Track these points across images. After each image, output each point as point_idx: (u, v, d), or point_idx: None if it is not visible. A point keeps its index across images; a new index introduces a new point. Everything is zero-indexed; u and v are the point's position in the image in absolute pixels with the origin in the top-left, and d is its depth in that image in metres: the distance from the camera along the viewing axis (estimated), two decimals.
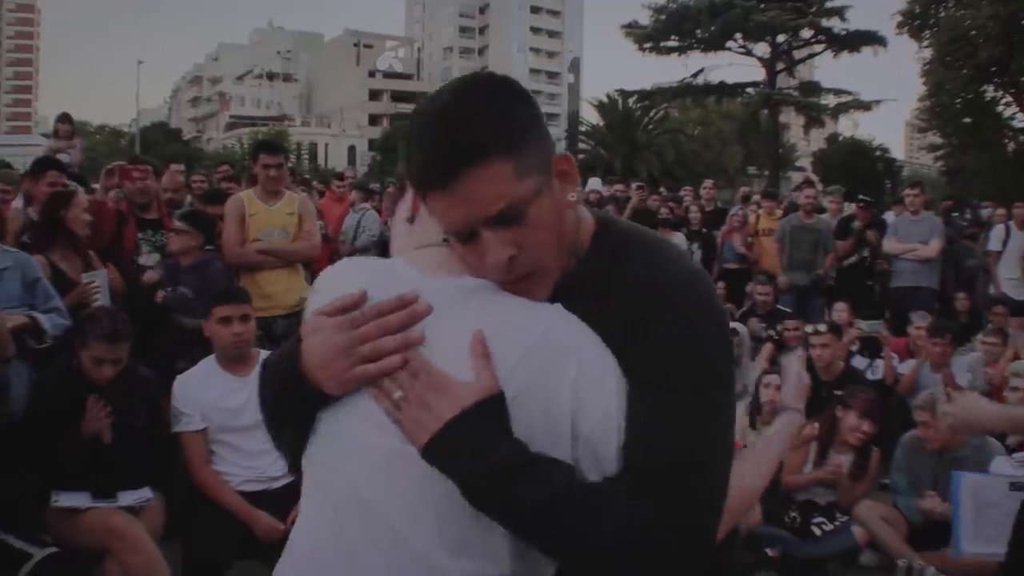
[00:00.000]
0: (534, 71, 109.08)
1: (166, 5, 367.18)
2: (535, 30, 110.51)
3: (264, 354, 5.01)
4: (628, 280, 1.60)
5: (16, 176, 7.89)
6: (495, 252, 1.53)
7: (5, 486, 4.37)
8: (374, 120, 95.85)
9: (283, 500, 4.61)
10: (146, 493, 4.62)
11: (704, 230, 12.35)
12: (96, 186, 8.67)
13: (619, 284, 1.60)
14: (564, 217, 1.60)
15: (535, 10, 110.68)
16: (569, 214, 1.64)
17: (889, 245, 10.96)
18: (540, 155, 1.54)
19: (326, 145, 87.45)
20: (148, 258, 6.62)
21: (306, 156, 71.74)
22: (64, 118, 11.89)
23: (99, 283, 5.61)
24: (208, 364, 4.94)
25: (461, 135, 1.48)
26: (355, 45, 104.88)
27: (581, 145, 55.27)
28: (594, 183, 14.96)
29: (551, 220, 1.56)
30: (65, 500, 4.41)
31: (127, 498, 4.53)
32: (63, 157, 11.05)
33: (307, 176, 17.45)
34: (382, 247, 11.41)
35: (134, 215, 6.87)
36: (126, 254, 6.54)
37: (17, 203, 7.48)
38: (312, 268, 7.98)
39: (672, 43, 44.14)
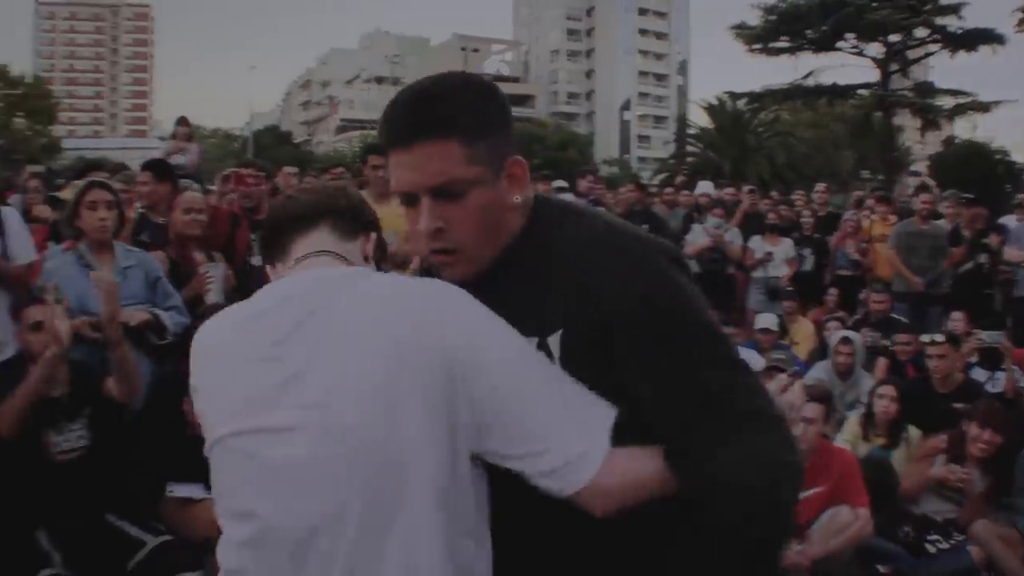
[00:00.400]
0: (642, 73, 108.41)
1: (277, 12, 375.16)
2: (642, 32, 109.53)
3: None
4: (563, 243, 1.72)
5: (135, 177, 8.09)
6: (425, 220, 1.71)
7: (122, 476, 4.52)
8: None
9: None
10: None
11: (816, 235, 12.08)
12: (212, 188, 8.88)
13: (556, 247, 1.73)
14: (501, 213, 1.75)
15: (642, 12, 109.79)
16: (512, 215, 1.78)
17: (1010, 253, 10.57)
18: (494, 152, 1.71)
19: None
20: (260, 259, 6.72)
21: None
22: (182, 121, 12.19)
23: (215, 275, 5.72)
24: None
25: (429, 110, 1.67)
26: (462, 49, 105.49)
27: (689, 148, 54.59)
28: (704, 186, 14.72)
29: (485, 211, 1.72)
30: (179, 491, 4.57)
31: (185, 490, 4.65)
32: (179, 159, 11.36)
33: None
34: None
35: (247, 217, 6.98)
36: (239, 255, 6.64)
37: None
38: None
39: (782, 44, 43.32)
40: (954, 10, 40.56)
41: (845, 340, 7.82)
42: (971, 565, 5.53)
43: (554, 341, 1.69)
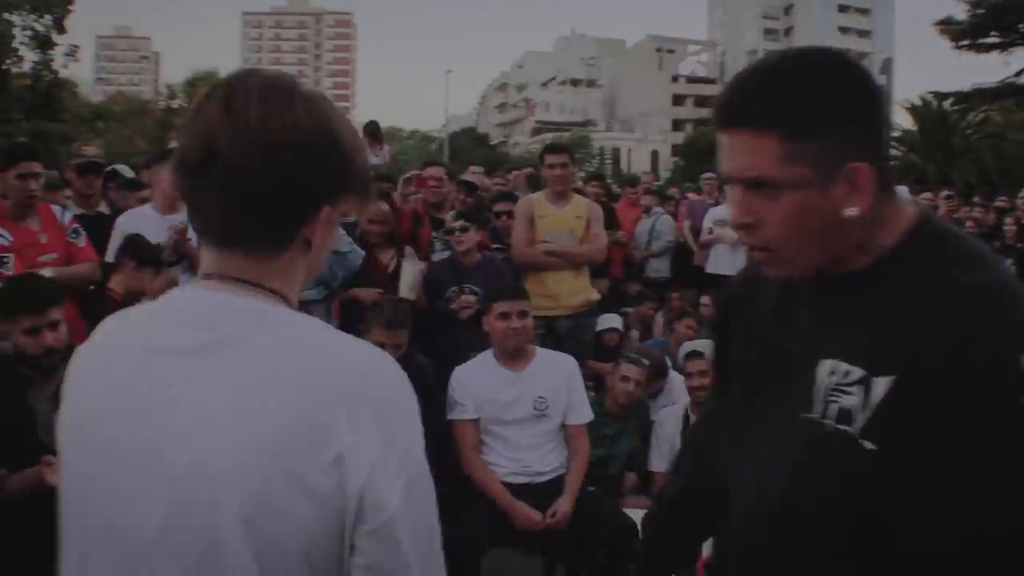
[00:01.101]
0: None
1: (473, 17, 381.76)
2: (843, 30, 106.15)
3: (541, 352, 5.14)
4: (941, 280, 1.47)
5: None
6: (734, 212, 1.57)
7: None
8: (677, 125, 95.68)
9: (546, 494, 4.79)
10: None
11: (1020, 244, 11.46)
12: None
13: (924, 278, 1.49)
14: (828, 221, 1.51)
15: (843, 9, 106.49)
16: (853, 227, 1.54)
17: None
18: (828, 153, 1.48)
19: (629, 150, 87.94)
20: (440, 256, 6.88)
21: (609, 161, 72.42)
22: (371, 126, 12.64)
23: (411, 272, 5.94)
24: (485, 357, 5.14)
25: (754, 95, 1.52)
26: (657, 50, 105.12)
27: (892, 151, 52.81)
28: (899, 192, 14.25)
29: (802, 215, 1.51)
30: None
31: None
32: (373, 159, 11.75)
33: (609, 181, 17.57)
34: (675, 253, 11.41)
35: (428, 215, 7.17)
36: (421, 251, 6.85)
37: None
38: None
39: (992, 39, 41.24)
40: None
41: None
42: None
43: (883, 382, 1.46)
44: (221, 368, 1.29)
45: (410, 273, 5.96)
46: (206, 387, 1.28)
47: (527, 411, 4.94)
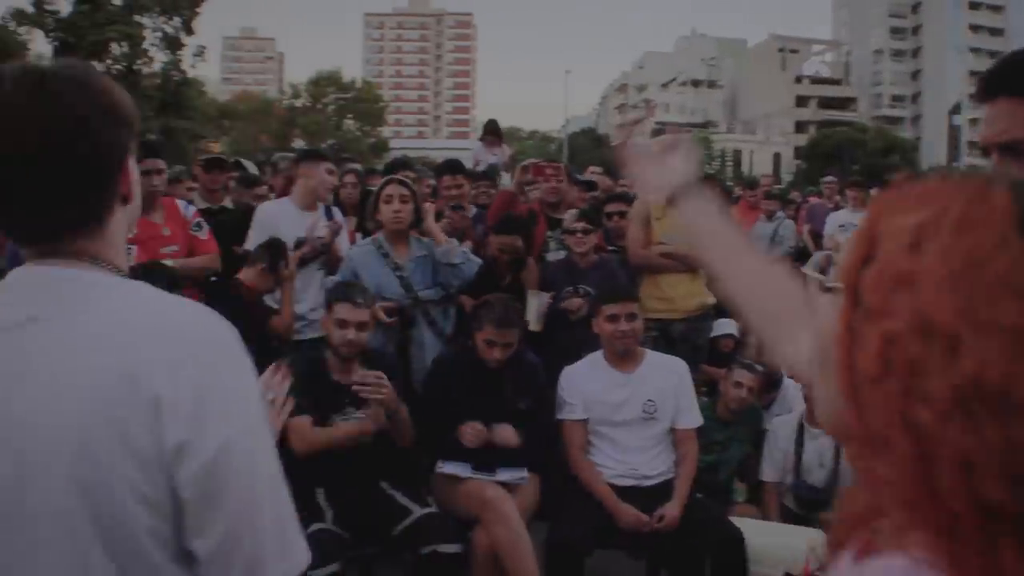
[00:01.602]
0: (973, 74, 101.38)
1: (593, 17, 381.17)
2: (974, 28, 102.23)
3: (651, 354, 5.09)
4: None
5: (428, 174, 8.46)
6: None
7: (399, 449, 4.79)
8: (800, 127, 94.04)
9: (652, 498, 4.74)
10: (522, 472, 4.85)
11: None
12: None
13: None
14: None
15: (974, 6, 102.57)
16: None
17: None
18: None
19: (751, 152, 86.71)
20: (555, 256, 6.84)
21: (730, 163, 71.54)
22: (493, 126, 12.68)
23: (536, 304, 5.96)
24: (595, 358, 5.11)
25: (1008, 70, 1.72)
26: (780, 50, 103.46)
27: None
28: None
29: None
30: (448, 468, 4.79)
31: (504, 474, 4.80)
32: (491, 159, 11.80)
33: (729, 184, 17.35)
34: (797, 258, 11.21)
35: (545, 214, 7.14)
36: (536, 250, 6.82)
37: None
38: None
39: None
40: None
41: None
42: None
43: None
44: (46, 336, 1.35)
45: (535, 305, 5.94)
46: (32, 357, 1.34)
47: (636, 413, 4.91)
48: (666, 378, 4.95)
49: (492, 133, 12.58)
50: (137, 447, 1.30)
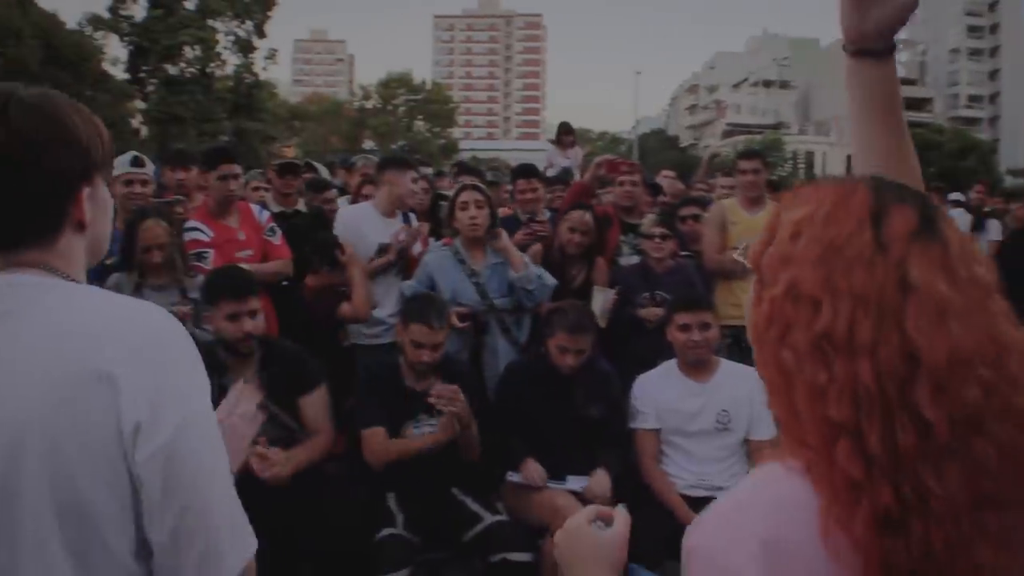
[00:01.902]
0: None
1: (663, 18, 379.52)
2: None
3: (726, 363, 5.02)
4: None
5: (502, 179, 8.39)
6: None
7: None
8: None
9: None
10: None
11: None
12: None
13: None
14: None
15: None
16: None
17: None
18: None
19: (823, 154, 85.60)
20: (628, 260, 6.78)
21: (802, 165, 70.74)
22: (565, 129, 12.65)
23: (604, 298, 5.90)
24: (669, 367, 5.06)
25: None
26: None
27: None
28: None
29: None
30: (519, 476, 4.77)
31: (576, 483, 4.76)
32: (564, 162, 11.79)
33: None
34: None
35: (619, 217, 7.08)
36: (608, 255, 6.76)
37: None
38: None
39: None
40: None
41: None
42: None
43: None
44: (5, 331, 1.42)
45: (600, 300, 5.90)
46: None
47: (710, 424, 4.85)
48: (740, 388, 4.86)
49: (566, 134, 12.57)
50: (97, 429, 1.37)
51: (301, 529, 4.13)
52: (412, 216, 6.40)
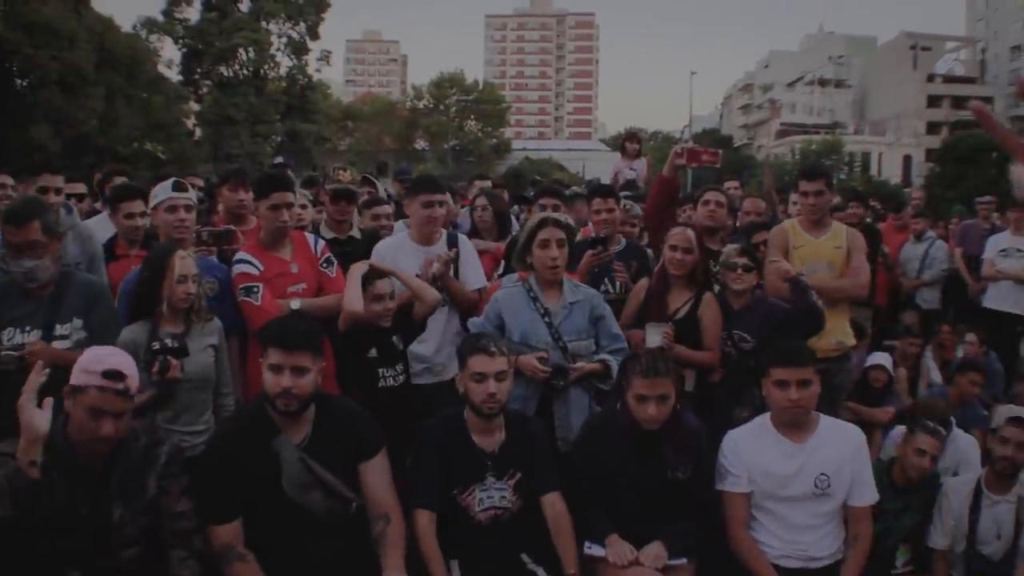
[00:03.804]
0: None
1: (717, 16, 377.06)
2: None
3: (824, 420, 4.57)
4: None
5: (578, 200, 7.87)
6: None
7: (543, 521, 4.37)
8: (932, 128, 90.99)
9: None
10: (680, 558, 4.35)
11: None
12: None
13: None
14: None
15: None
16: None
17: None
18: None
19: (879, 155, 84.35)
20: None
21: (858, 167, 69.63)
22: (631, 137, 12.18)
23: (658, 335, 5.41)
24: (763, 423, 4.62)
25: None
26: (911, 48, 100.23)
27: None
28: None
29: None
30: (597, 550, 4.34)
31: None
32: (629, 174, 11.35)
33: (858, 188, 16.64)
34: (950, 281, 10.56)
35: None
36: None
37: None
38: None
39: None
40: None
41: None
42: None
43: None
44: None
45: (654, 337, 5.36)
46: None
47: (807, 488, 4.42)
48: (841, 449, 4.43)
49: (630, 142, 12.13)
50: None
51: None
52: (462, 238, 6.03)
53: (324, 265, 5.54)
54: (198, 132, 50.85)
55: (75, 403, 3.50)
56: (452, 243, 5.87)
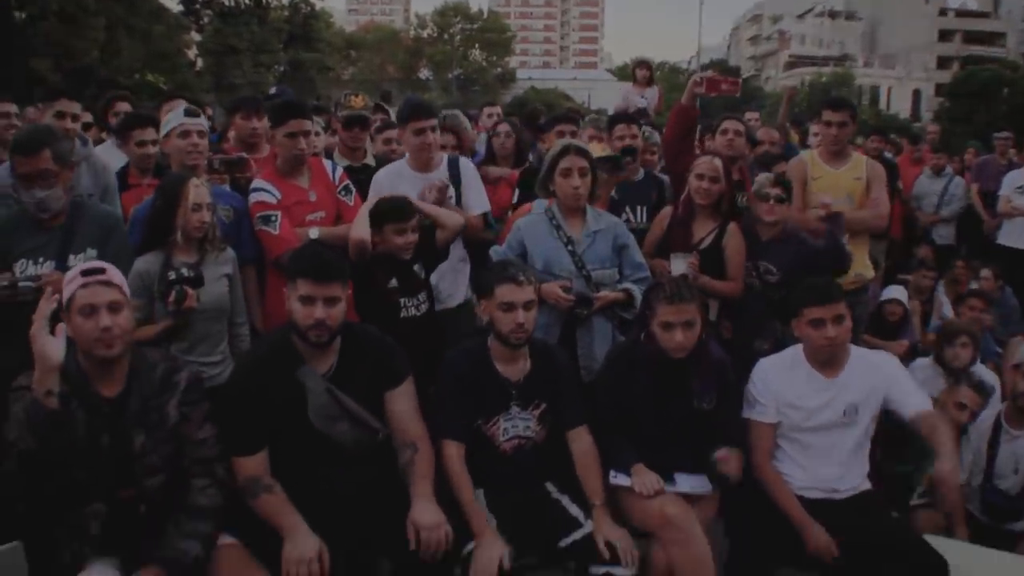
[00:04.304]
0: None
1: None
2: None
3: (856, 353, 4.54)
4: None
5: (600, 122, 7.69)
6: None
7: (565, 456, 4.34)
8: (943, 63, 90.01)
9: (845, 512, 4.25)
10: (704, 482, 4.32)
11: None
12: None
13: None
14: None
15: None
16: None
17: None
18: None
19: (889, 89, 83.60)
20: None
21: (866, 100, 69.06)
22: (642, 65, 11.97)
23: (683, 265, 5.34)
24: (795, 356, 4.54)
25: None
26: None
27: None
28: None
29: None
30: (622, 479, 4.28)
31: (685, 483, 4.31)
32: (639, 102, 11.18)
33: (868, 122, 16.47)
34: (965, 218, 10.51)
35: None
36: None
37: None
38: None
39: None
40: None
41: None
42: None
43: None
44: None
45: (680, 267, 5.28)
46: None
47: (834, 417, 4.37)
48: (871, 378, 4.37)
49: (640, 69, 11.93)
50: None
51: (380, 528, 3.79)
52: (464, 161, 6.00)
53: (343, 193, 5.49)
54: (200, 62, 50.39)
55: (71, 318, 3.42)
56: (454, 168, 5.82)
